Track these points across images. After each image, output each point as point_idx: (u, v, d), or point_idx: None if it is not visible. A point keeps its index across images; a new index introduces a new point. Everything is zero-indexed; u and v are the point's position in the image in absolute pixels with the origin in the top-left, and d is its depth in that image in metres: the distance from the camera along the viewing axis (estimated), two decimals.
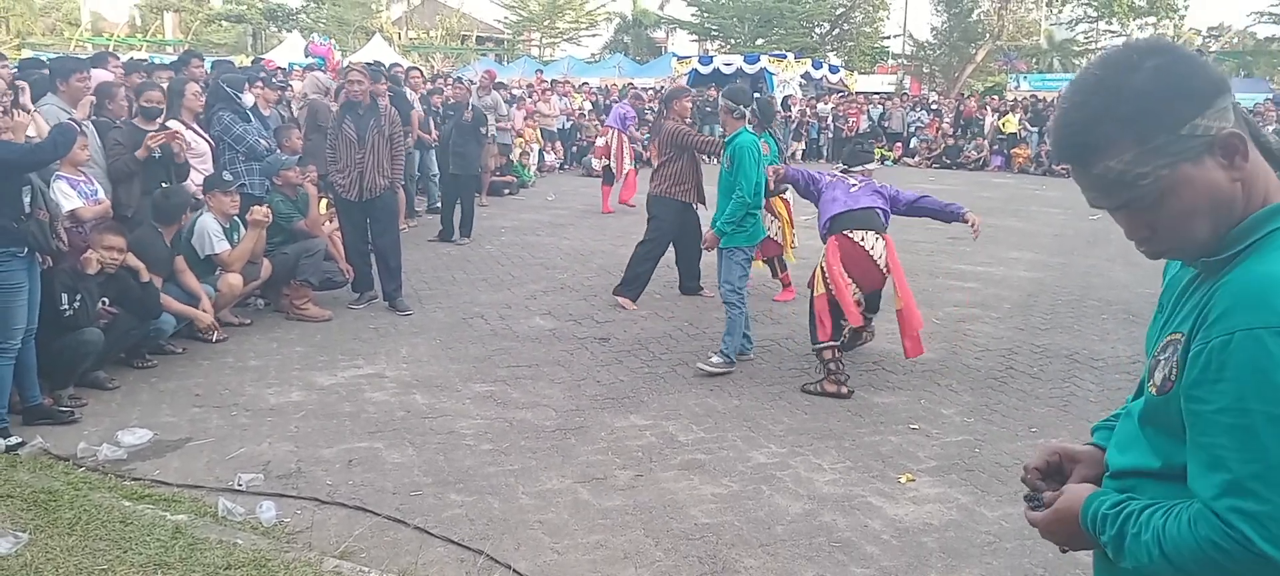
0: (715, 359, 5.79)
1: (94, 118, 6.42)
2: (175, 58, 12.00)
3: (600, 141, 13.58)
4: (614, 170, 12.76)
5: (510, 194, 14.34)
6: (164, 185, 6.26)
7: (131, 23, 45.16)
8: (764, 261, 7.65)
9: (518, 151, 15.55)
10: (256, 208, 6.65)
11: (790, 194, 7.51)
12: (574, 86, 22.06)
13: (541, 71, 25.21)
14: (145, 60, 12.95)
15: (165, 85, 7.13)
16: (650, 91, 21.93)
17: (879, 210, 5.72)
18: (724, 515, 3.97)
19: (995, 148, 22.34)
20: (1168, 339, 1.36)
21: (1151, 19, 34.67)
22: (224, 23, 43.65)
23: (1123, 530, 1.33)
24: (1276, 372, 1.16)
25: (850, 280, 5.51)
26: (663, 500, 4.09)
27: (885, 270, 5.60)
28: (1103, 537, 1.36)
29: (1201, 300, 1.30)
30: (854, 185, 5.82)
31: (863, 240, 5.54)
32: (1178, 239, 1.32)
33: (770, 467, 4.47)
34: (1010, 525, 3.91)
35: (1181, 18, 36.49)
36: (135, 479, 4.17)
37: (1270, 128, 18.02)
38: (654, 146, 7.86)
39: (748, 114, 5.91)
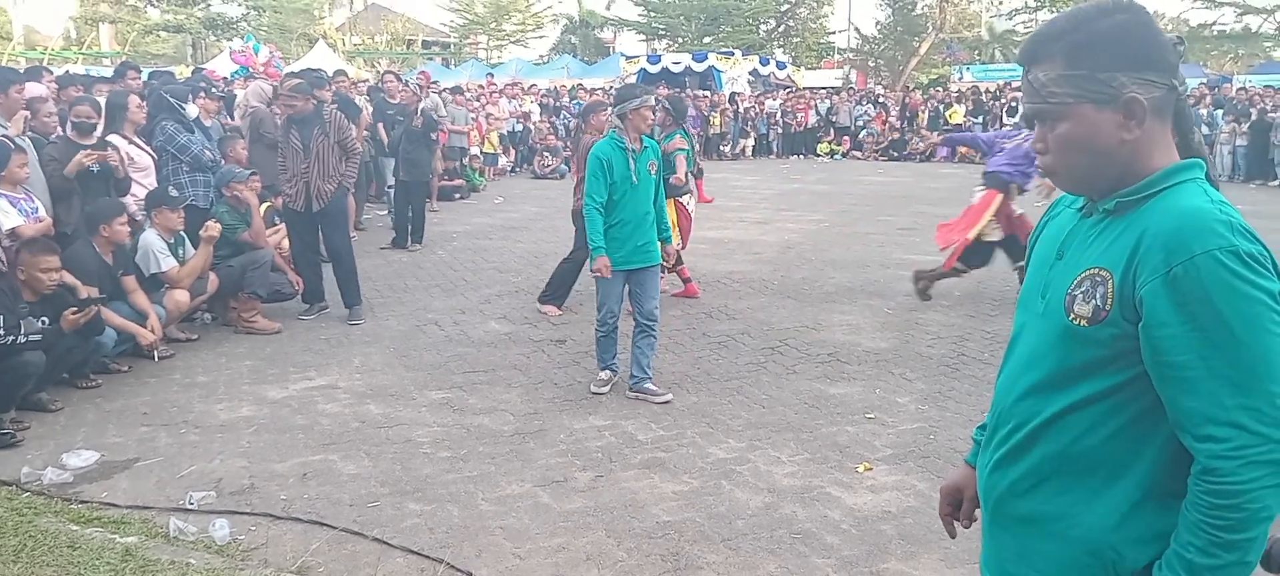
0: (650, 386, 5.35)
1: (29, 134, 6.25)
2: (112, 70, 11.73)
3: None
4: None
5: (461, 198, 14.25)
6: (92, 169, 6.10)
7: (66, 36, 44.08)
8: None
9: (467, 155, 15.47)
10: (209, 222, 6.53)
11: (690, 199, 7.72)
12: (524, 88, 21.97)
13: (492, 75, 25.11)
14: (82, 73, 12.65)
15: (104, 99, 6.96)
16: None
17: (1001, 172, 7.29)
18: (685, 512, 3.98)
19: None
20: (1083, 275, 1.48)
21: None
22: (162, 33, 42.76)
23: (1181, 558, 1.38)
24: (1241, 284, 1.32)
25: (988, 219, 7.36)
26: (623, 500, 4.09)
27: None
28: None
29: (1126, 239, 1.43)
30: (1002, 149, 7.45)
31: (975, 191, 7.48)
32: (1060, 162, 1.52)
33: (729, 463, 4.48)
34: None
35: None
36: (82, 502, 4.06)
37: (1205, 111, 18.54)
38: (574, 161, 7.75)
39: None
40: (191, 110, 7.58)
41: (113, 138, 6.57)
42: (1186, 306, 1.34)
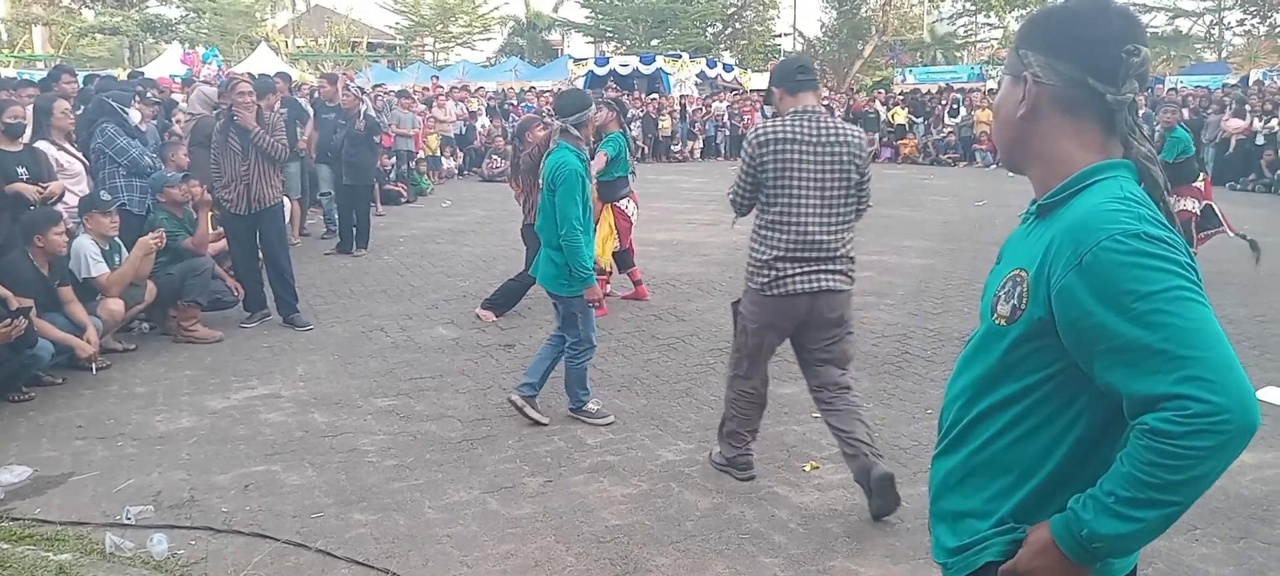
0: (592, 405, 5.11)
1: None
2: (45, 73, 11.40)
3: None
4: None
5: (407, 202, 14.11)
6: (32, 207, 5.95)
7: None
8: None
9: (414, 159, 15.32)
10: (153, 233, 6.39)
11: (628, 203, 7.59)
12: (471, 91, 21.82)
13: (438, 77, 24.90)
14: (13, 77, 12.29)
15: (32, 103, 6.77)
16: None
17: None
18: (634, 515, 3.98)
19: (884, 140, 22.99)
20: (1007, 277, 1.51)
21: (1022, 11, 35.97)
22: (97, 36, 41.66)
23: (1099, 503, 1.36)
24: (1148, 260, 1.32)
25: None
26: (573, 504, 4.08)
27: None
28: (1084, 516, 1.37)
29: (1043, 239, 1.45)
30: None
31: None
32: (995, 121, 1.64)
33: (679, 465, 4.49)
34: (911, 505, 4.01)
35: None
36: (14, 519, 3.94)
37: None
38: (515, 182, 7.47)
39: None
40: (134, 115, 7.42)
41: (40, 143, 6.40)
42: (1103, 292, 1.33)
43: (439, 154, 17.40)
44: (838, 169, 3.88)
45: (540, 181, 5.00)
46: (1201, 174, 9.04)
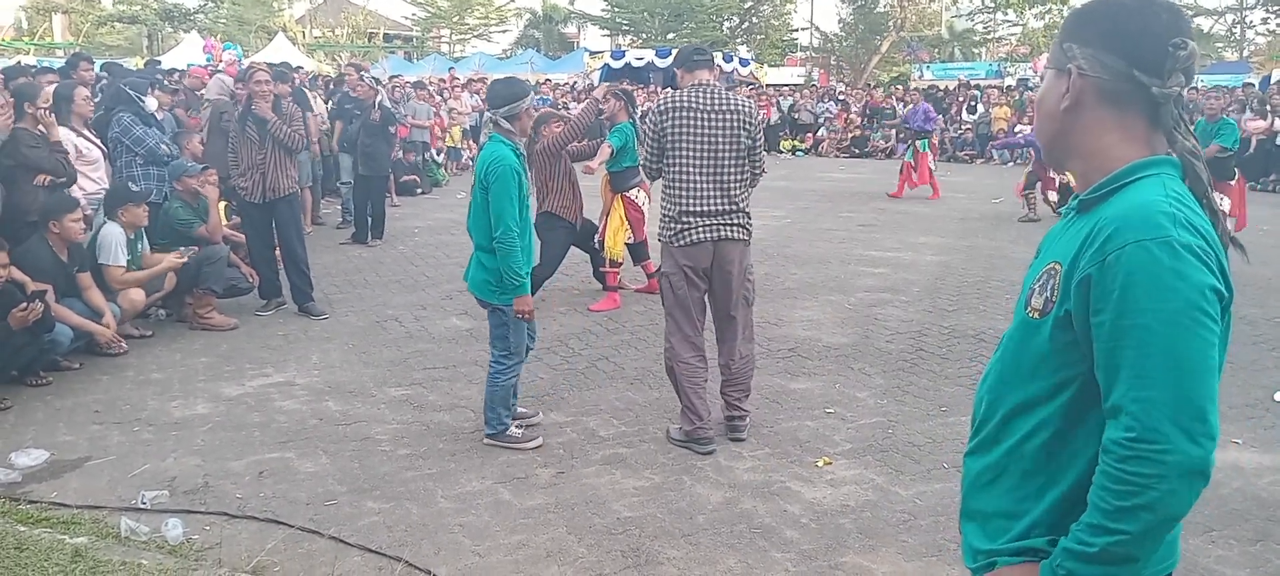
0: (516, 430, 4.67)
1: None
2: (64, 61, 11.48)
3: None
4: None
5: (423, 193, 14.15)
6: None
7: (16, 26, 43.08)
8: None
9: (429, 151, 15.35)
10: (182, 253, 6.44)
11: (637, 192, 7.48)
12: (487, 83, 21.84)
13: (454, 69, 24.94)
14: (33, 64, 12.38)
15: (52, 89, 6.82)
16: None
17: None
18: (646, 507, 3.98)
19: (901, 136, 22.86)
20: (1043, 269, 1.49)
21: (1042, 7, 35.67)
22: (116, 24, 41.92)
23: (1078, 538, 1.36)
24: (1165, 275, 1.30)
25: None
26: (585, 496, 4.08)
27: None
28: (1062, 541, 1.38)
29: (1080, 233, 1.43)
30: None
31: None
32: (1036, 114, 1.61)
33: (691, 458, 4.49)
34: (924, 503, 4.01)
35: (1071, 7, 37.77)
36: (31, 502, 3.98)
37: None
38: (528, 175, 7.35)
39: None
40: (151, 103, 7.47)
41: (59, 130, 6.43)
42: (1110, 292, 1.33)
43: (460, 145, 17.43)
44: (729, 132, 4.41)
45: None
46: (1237, 172, 8.79)
